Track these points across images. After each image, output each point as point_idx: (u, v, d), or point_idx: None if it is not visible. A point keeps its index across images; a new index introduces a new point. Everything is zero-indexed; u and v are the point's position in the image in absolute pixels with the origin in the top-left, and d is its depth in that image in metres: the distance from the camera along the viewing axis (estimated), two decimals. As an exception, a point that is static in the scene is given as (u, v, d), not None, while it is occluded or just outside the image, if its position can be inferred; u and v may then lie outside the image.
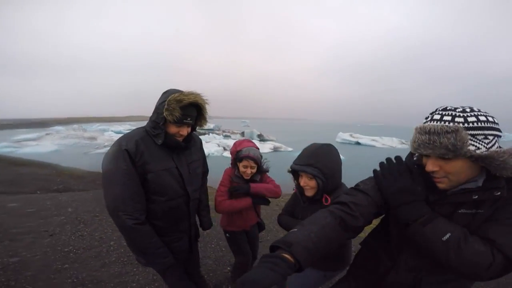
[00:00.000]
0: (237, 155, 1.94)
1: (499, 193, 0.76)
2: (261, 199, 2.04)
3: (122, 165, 1.24)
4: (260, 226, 2.29)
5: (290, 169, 1.54)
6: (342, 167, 1.49)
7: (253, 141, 2.11)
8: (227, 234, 2.16)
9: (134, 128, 1.45)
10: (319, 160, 1.40)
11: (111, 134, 43.44)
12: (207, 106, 1.44)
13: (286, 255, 0.72)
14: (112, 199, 1.25)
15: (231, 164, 2.05)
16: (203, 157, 1.72)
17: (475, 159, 0.74)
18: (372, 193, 0.97)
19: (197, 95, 1.36)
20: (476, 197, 0.79)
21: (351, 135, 42.71)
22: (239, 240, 2.15)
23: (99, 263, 2.80)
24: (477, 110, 0.78)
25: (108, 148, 1.35)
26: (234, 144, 2.05)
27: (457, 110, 0.78)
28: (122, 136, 1.34)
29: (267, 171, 2.10)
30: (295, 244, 0.75)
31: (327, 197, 1.41)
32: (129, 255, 2.95)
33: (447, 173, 0.80)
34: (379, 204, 0.96)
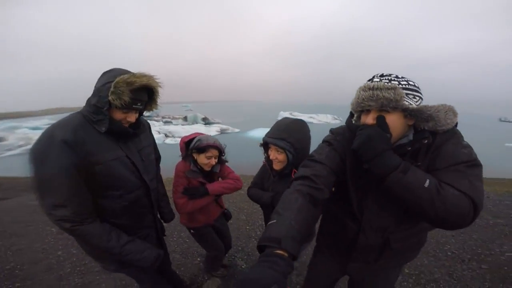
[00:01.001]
0: (196, 146, 1.69)
1: (426, 141, 0.87)
2: None
3: (59, 161, 1.02)
4: (226, 216, 2.19)
5: (262, 142, 1.51)
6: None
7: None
8: (192, 231, 2.00)
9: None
10: (292, 135, 1.40)
11: (25, 131, 35.90)
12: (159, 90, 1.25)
13: (281, 252, 0.70)
14: (50, 205, 1.05)
15: (183, 157, 1.81)
16: (153, 142, 1.54)
17: (409, 112, 0.86)
18: (328, 161, 1.00)
19: (150, 77, 1.17)
20: (409, 148, 0.89)
21: (291, 114, 45.37)
22: (206, 236, 2.00)
23: (53, 276, 2.47)
24: (406, 78, 0.93)
25: (27, 146, 1.09)
26: (182, 139, 1.82)
27: (392, 76, 0.91)
28: (52, 126, 1.09)
29: (227, 162, 1.93)
30: (284, 239, 0.72)
31: (296, 171, 1.46)
32: (84, 263, 2.66)
33: None
34: (336, 171, 1.00)
